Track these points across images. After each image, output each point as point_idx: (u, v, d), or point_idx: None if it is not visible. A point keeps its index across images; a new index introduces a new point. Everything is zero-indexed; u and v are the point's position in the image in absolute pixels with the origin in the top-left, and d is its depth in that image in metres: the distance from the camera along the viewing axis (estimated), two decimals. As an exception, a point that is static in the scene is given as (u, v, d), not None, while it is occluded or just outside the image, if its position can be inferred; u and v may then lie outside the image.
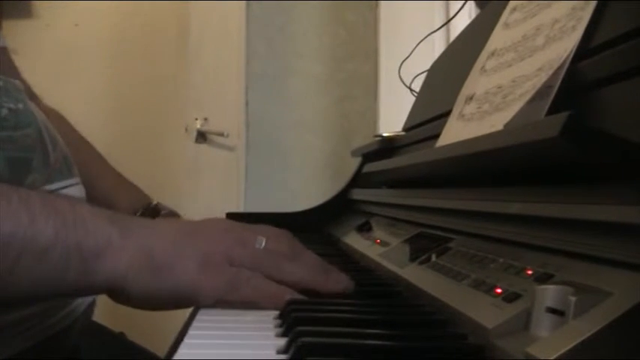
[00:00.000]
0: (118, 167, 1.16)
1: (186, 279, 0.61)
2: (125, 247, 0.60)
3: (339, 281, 0.66)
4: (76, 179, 0.86)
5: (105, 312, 1.02)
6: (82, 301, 0.86)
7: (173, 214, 1.06)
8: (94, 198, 0.89)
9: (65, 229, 0.58)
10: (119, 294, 0.60)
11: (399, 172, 0.99)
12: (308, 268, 0.66)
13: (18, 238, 0.56)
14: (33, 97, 1.08)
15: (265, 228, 0.68)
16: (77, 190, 0.86)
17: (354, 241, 1.07)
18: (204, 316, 0.60)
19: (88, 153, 1.08)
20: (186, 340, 0.51)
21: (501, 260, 0.54)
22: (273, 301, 0.61)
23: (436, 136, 0.85)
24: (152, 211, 1.04)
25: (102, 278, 0.59)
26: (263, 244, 0.65)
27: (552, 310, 0.40)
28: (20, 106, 0.79)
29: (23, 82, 0.96)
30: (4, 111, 0.76)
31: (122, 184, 1.09)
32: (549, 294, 0.40)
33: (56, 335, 0.78)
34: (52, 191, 0.78)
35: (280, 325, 0.56)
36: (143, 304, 0.61)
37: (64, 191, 0.81)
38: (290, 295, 0.62)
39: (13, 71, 1.04)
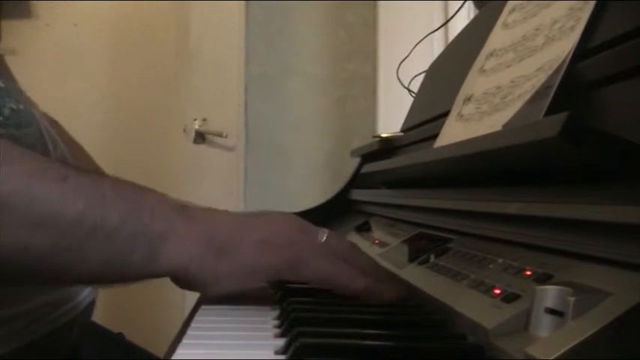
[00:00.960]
0: (117, 167, 1.16)
1: (247, 260, 0.62)
2: (189, 233, 0.62)
3: (389, 290, 0.66)
4: None
5: (104, 312, 1.03)
6: (83, 299, 0.86)
7: None
8: None
9: (133, 212, 0.60)
10: (183, 280, 0.62)
11: (397, 173, 0.99)
12: (362, 272, 0.66)
13: (88, 218, 0.58)
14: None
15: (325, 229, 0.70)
16: None
17: (354, 241, 1.06)
18: (202, 317, 0.60)
19: (79, 158, 1.08)
20: (185, 341, 0.51)
21: (500, 260, 0.54)
22: (341, 280, 0.63)
23: (435, 137, 0.85)
24: None
25: (166, 263, 0.61)
26: (324, 237, 0.67)
27: (551, 311, 0.40)
28: (22, 106, 0.80)
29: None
30: (7, 111, 0.77)
31: None
32: (548, 294, 0.40)
33: (57, 331, 0.78)
34: None
35: (279, 326, 0.56)
36: (208, 289, 0.63)
37: None
38: (354, 279, 0.63)
39: (8, 78, 1.04)
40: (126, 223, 0.59)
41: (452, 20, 1.55)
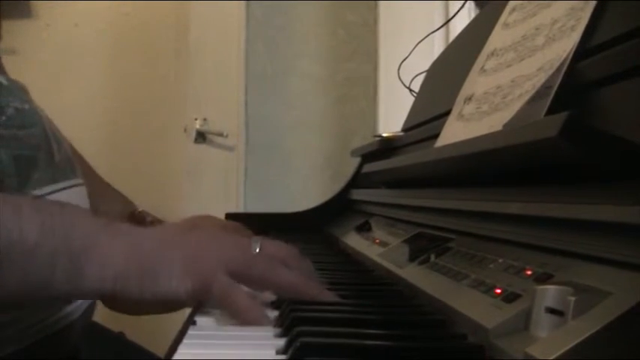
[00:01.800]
0: (116, 167, 1.16)
1: (168, 283, 0.60)
2: (112, 248, 0.59)
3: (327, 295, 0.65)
4: (80, 180, 0.87)
5: (105, 312, 1.02)
6: (83, 301, 0.86)
7: (158, 221, 1.06)
8: None
9: (53, 228, 0.58)
10: (111, 300, 0.60)
11: (398, 172, 0.99)
12: (302, 275, 0.65)
13: (4, 237, 0.56)
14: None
15: (225, 226, 0.68)
16: (80, 191, 0.86)
17: (354, 241, 1.07)
18: (203, 317, 0.60)
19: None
20: (186, 340, 0.51)
21: (501, 260, 0.54)
22: (240, 314, 0.59)
23: (435, 137, 0.85)
24: (137, 217, 1.04)
25: (90, 280, 0.58)
26: (258, 248, 0.65)
27: (552, 310, 0.40)
28: (26, 106, 0.80)
29: None
30: (10, 110, 0.76)
31: (109, 192, 1.09)
32: (549, 294, 0.40)
33: (57, 334, 0.78)
34: (56, 190, 0.78)
35: (279, 325, 0.56)
36: (134, 310, 0.61)
37: (68, 191, 0.81)
38: (258, 311, 0.60)
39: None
40: (45, 240, 0.57)
41: (452, 20, 1.55)
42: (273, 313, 0.61)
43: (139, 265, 0.59)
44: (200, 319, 0.60)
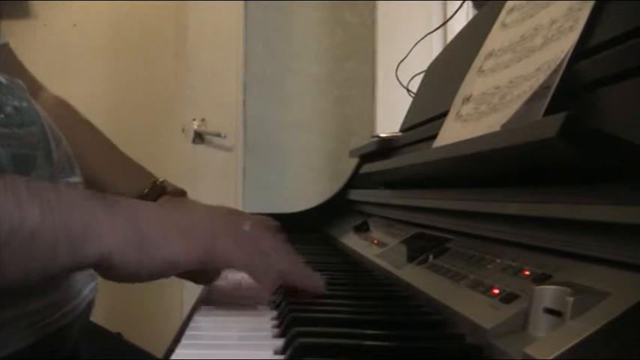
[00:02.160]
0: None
1: (168, 251, 0.62)
2: (110, 222, 0.61)
3: (313, 278, 0.67)
4: (79, 178, 0.87)
5: (102, 312, 1.02)
6: (82, 301, 0.86)
7: (179, 192, 1.07)
8: (102, 182, 0.90)
9: (51, 211, 0.59)
10: (107, 269, 0.61)
11: (396, 173, 0.99)
12: (286, 257, 0.67)
13: (5, 223, 0.56)
14: (39, 88, 1.08)
15: (261, 220, 0.70)
16: (79, 188, 0.86)
17: (352, 241, 1.07)
18: (201, 317, 0.60)
19: (94, 138, 1.09)
20: (184, 341, 0.51)
21: (499, 261, 0.54)
22: (253, 266, 0.63)
23: (433, 137, 0.85)
24: (159, 188, 1.05)
25: (91, 253, 0.59)
26: (248, 226, 0.67)
27: (550, 311, 0.40)
28: (24, 104, 0.80)
29: (29, 75, 0.96)
30: (9, 109, 0.76)
31: (129, 167, 1.10)
32: (547, 294, 0.40)
33: (56, 333, 0.78)
34: None
35: (278, 326, 0.56)
36: (130, 278, 0.62)
37: None
38: (271, 268, 0.63)
39: (17, 67, 1.04)
40: (45, 221, 0.58)
41: (451, 20, 1.55)
42: (271, 313, 0.61)
43: (136, 237, 0.61)
44: (198, 319, 0.60)
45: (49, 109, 0.88)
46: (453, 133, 0.79)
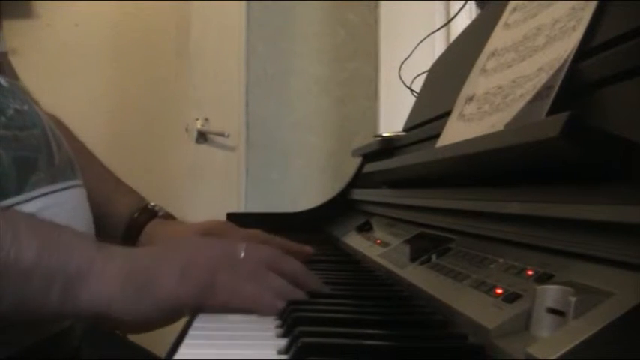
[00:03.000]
0: (118, 168, 1.16)
1: (166, 293, 0.61)
2: (107, 271, 0.60)
3: (316, 284, 0.67)
4: (79, 181, 0.87)
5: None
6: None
7: (169, 216, 1.06)
8: (94, 202, 0.89)
9: (48, 251, 0.59)
10: (106, 319, 0.60)
11: (399, 173, 0.99)
12: (287, 275, 0.66)
13: (2, 258, 0.56)
14: (34, 102, 1.08)
15: (246, 237, 0.69)
16: (80, 192, 0.86)
17: (355, 241, 1.07)
18: (204, 317, 0.60)
19: (87, 158, 1.09)
20: (187, 341, 0.51)
21: (502, 260, 0.54)
22: (251, 304, 0.61)
23: (436, 137, 0.85)
24: (149, 212, 1.04)
25: (86, 302, 0.59)
26: (242, 253, 0.66)
27: (552, 311, 0.40)
28: (26, 107, 0.80)
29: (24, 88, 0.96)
30: (11, 111, 0.76)
31: (121, 188, 1.10)
32: (549, 294, 0.40)
33: (58, 334, 0.78)
34: (56, 191, 0.78)
35: (281, 326, 0.56)
36: (134, 327, 0.63)
37: (68, 192, 0.81)
38: (269, 297, 0.62)
39: (13, 77, 1.04)
40: (42, 261, 0.58)
41: (453, 20, 1.55)
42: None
43: (135, 283, 0.60)
44: (201, 319, 0.60)
45: None
46: (455, 132, 0.79)
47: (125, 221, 0.99)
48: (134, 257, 0.64)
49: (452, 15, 1.57)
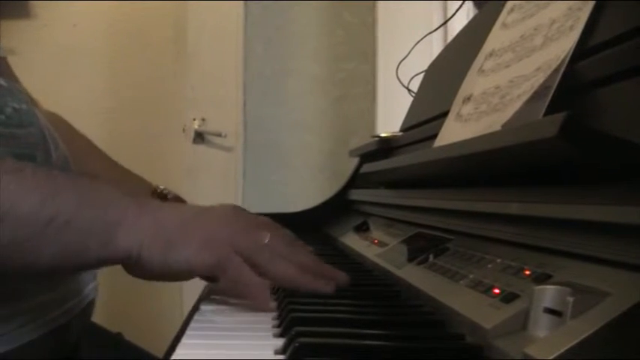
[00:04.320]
0: (116, 167, 1.17)
1: (187, 254, 0.64)
2: (141, 219, 0.65)
3: (331, 279, 0.69)
4: None
5: (103, 312, 1.02)
6: (83, 298, 0.87)
7: (179, 199, 1.09)
8: None
9: (87, 202, 0.63)
10: (134, 264, 0.64)
11: (396, 173, 0.99)
12: (302, 268, 0.69)
13: (45, 208, 0.60)
14: (34, 103, 1.09)
15: (269, 224, 0.73)
16: None
17: (352, 241, 1.07)
18: (201, 317, 0.61)
19: (93, 151, 1.11)
20: (184, 341, 0.51)
21: (499, 260, 0.54)
22: (249, 291, 0.65)
23: (434, 137, 0.85)
24: (159, 195, 1.07)
25: (121, 247, 0.63)
26: (266, 239, 0.69)
27: (550, 311, 0.40)
28: (24, 106, 0.81)
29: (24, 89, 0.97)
30: (9, 110, 0.78)
31: (128, 175, 1.13)
32: (547, 294, 0.40)
33: (57, 331, 0.79)
34: None
35: (278, 326, 0.56)
36: (158, 274, 0.65)
37: None
38: (266, 295, 0.65)
39: (12, 80, 1.05)
40: (81, 213, 0.62)
41: (451, 20, 1.55)
42: (272, 313, 0.61)
43: (163, 237, 0.64)
44: (199, 319, 0.60)
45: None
46: (453, 132, 0.79)
47: None
48: (166, 212, 0.68)
49: (449, 15, 1.57)
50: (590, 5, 0.58)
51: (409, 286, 0.66)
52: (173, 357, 0.46)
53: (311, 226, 1.35)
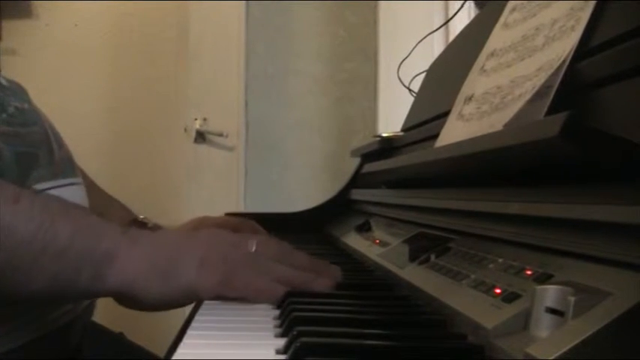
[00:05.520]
0: (117, 167, 1.17)
1: (188, 279, 0.64)
2: (133, 254, 0.64)
3: (328, 277, 0.69)
4: (79, 179, 0.88)
5: (104, 312, 1.02)
6: (84, 299, 0.87)
7: (158, 227, 1.08)
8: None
9: (80, 233, 0.63)
10: (128, 299, 0.65)
11: (398, 172, 0.99)
12: (296, 269, 0.69)
13: (39, 238, 0.60)
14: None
15: (254, 231, 0.73)
16: (79, 189, 0.87)
17: (354, 241, 1.07)
18: (202, 317, 0.60)
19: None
20: (185, 340, 0.51)
21: (501, 260, 0.54)
22: (264, 295, 0.65)
23: (435, 137, 0.84)
24: (139, 224, 1.07)
25: (112, 282, 0.63)
26: (254, 247, 0.69)
27: (552, 310, 0.40)
28: (26, 105, 0.82)
29: None
30: (12, 109, 0.78)
31: (111, 202, 1.12)
32: (549, 294, 0.40)
33: (58, 331, 0.79)
34: (56, 187, 0.79)
35: (279, 325, 0.56)
36: (152, 307, 0.66)
37: (68, 189, 0.82)
38: (282, 290, 0.65)
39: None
40: (74, 243, 0.62)
41: (452, 20, 1.55)
42: (273, 313, 0.61)
43: (159, 268, 0.64)
44: (200, 319, 0.60)
45: None
46: (454, 132, 0.79)
47: None
48: (158, 243, 0.68)
49: (451, 15, 1.57)
50: (592, 5, 0.58)
51: (411, 286, 0.66)
52: (174, 356, 0.46)
53: (312, 226, 1.36)
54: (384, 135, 1.24)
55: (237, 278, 0.65)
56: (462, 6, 1.36)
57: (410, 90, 1.40)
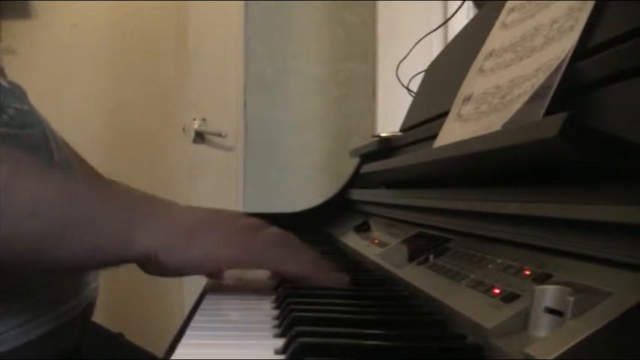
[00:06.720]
0: (115, 167, 1.16)
1: (211, 249, 0.68)
2: (161, 221, 0.67)
3: (335, 279, 0.72)
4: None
5: (104, 313, 1.03)
6: (83, 298, 0.87)
7: None
8: None
9: (111, 202, 0.66)
10: (152, 263, 0.66)
11: (397, 173, 0.99)
12: (307, 264, 0.72)
13: (70, 205, 0.63)
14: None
15: (270, 226, 0.76)
16: None
17: (353, 241, 1.07)
18: (201, 317, 0.61)
19: (79, 166, 1.10)
20: (184, 341, 0.51)
21: (500, 260, 0.54)
22: (286, 265, 0.71)
23: (434, 137, 0.85)
24: None
25: (141, 248, 0.65)
26: (270, 234, 0.73)
27: (551, 311, 0.40)
28: (25, 107, 0.82)
29: None
30: (11, 110, 0.78)
31: None
32: (548, 294, 0.40)
33: (57, 330, 0.79)
34: None
35: (278, 326, 0.56)
36: (173, 272, 0.68)
37: None
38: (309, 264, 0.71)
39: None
40: (105, 211, 0.65)
41: (451, 20, 1.55)
42: (272, 313, 0.61)
43: (181, 235, 0.67)
44: (199, 319, 0.60)
45: None
46: (453, 132, 0.79)
47: None
48: (184, 212, 0.71)
49: (449, 15, 1.57)
50: (591, 5, 0.58)
51: (409, 286, 0.66)
52: (173, 357, 0.46)
53: (311, 226, 1.35)
54: (383, 135, 1.24)
55: (258, 251, 0.69)
56: (460, 6, 1.36)
57: (409, 90, 1.40)
